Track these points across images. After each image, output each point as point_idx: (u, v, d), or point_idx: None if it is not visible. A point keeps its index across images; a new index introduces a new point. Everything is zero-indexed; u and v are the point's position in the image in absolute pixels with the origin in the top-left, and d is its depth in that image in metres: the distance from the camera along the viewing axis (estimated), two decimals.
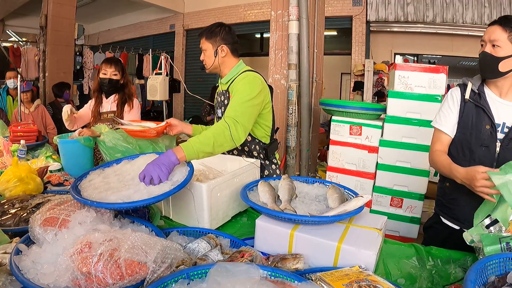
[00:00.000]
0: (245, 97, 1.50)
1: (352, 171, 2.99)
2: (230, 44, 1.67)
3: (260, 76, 1.66)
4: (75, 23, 5.42)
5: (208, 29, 1.68)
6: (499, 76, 1.29)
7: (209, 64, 1.68)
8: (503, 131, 1.31)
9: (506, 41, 1.24)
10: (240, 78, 1.62)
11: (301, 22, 3.20)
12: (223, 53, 1.66)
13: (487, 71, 1.32)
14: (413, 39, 6.22)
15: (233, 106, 1.50)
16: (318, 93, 3.72)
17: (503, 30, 1.24)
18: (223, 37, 1.65)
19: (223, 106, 1.70)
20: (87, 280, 0.73)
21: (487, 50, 1.29)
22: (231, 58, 1.70)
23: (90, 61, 6.99)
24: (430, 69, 2.67)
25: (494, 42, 1.26)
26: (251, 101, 1.51)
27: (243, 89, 1.53)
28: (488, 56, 1.28)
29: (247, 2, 7.05)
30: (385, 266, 1.07)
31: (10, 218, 1.14)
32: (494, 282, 0.79)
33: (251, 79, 1.59)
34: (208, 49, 1.67)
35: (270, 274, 0.76)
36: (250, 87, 1.54)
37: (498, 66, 1.27)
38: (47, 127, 3.91)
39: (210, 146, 1.32)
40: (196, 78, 7.95)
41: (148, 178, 1.13)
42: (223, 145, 1.37)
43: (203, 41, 1.68)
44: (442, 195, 1.51)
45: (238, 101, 1.50)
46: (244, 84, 1.55)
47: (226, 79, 1.70)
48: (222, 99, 1.72)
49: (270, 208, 1.11)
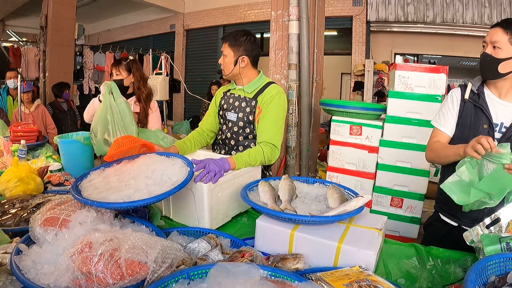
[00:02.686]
0: (278, 119, 1.65)
1: (352, 171, 2.99)
2: (252, 56, 1.68)
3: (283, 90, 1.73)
4: (75, 23, 5.43)
5: (233, 35, 1.67)
6: (498, 77, 1.32)
7: (228, 71, 1.69)
8: (501, 131, 1.34)
9: (506, 43, 1.27)
10: (271, 94, 1.66)
11: (301, 22, 3.20)
12: (243, 63, 1.67)
13: (487, 72, 1.34)
14: (413, 39, 6.22)
15: (268, 128, 1.63)
16: (318, 93, 3.71)
17: (504, 32, 1.27)
18: (246, 48, 1.66)
19: (241, 112, 1.72)
20: (88, 280, 0.73)
21: (488, 51, 1.31)
22: (251, 69, 1.71)
23: (90, 61, 6.99)
24: (430, 69, 2.67)
25: (495, 43, 1.29)
26: (281, 120, 1.67)
27: (277, 110, 1.65)
28: (489, 57, 1.31)
29: (247, 2, 7.06)
30: (385, 266, 1.07)
31: (10, 218, 1.14)
32: (494, 282, 0.79)
33: (282, 99, 1.68)
34: (229, 56, 1.67)
35: (271, 274, 0.76)
36: (280, 107, 1.67)
37: (498, 68, 1.29)
38: (47, 127, 3.91)
39: (252, 164, 1.52)
40: (196, 78, 7.96)
41: (208, 172, 1.25)
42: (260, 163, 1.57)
43: (225, 46, 1.67)
44: (441, 192, 1.53)
45: (272, 123, 1.63)
46: (276, 106, 1.65)
47: (250, 88, 1.71)
48: (243, 105, 1.72)
49: (271, 208, 1.11)
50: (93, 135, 1.80)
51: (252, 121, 1.70)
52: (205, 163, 1.28)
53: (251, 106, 1.69)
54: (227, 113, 1.77)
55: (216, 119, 1.87)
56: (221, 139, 1.84)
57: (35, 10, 6.37)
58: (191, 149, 1.77)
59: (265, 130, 1.63)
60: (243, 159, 1.47)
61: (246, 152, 1.52)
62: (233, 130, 1.75)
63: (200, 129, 1.90)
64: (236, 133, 1.75)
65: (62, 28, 5.16)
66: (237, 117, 1.73)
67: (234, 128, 1.75)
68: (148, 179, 1.16)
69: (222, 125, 1.82)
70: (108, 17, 9.27)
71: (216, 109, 1.86)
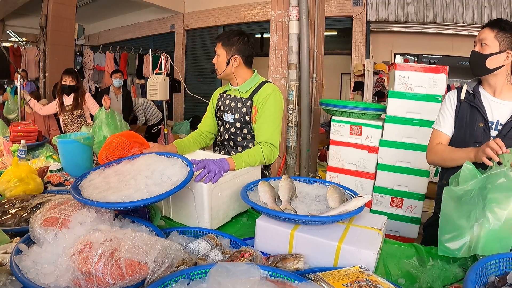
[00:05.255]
0: (275, 118, 1.65)
1: (352, 171, 2.99)
2: (244, 56, 1.68)
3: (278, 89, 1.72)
4: (75, 23, 5.42)
5: (227, 35, 1.67)
6: (487, 72, 1.37)
7: (221, 70, 1.70)
8: (497, 129, 1.37)
9: (493, 39, 1.33)
10: (266, 93, 1.66)
11: (301, 22, 3.20)
12: (236, 63, 1.67)
13: (476, 69, 1.41)
14: (413, 39, 6.22)
15: (265, 128, 1.62)
16: (318, 93, 3.71)
17: (490, 30, 1.34)
18: (238, 48, 1.66)
19: (237, 113, 1.71)
20: (88, 280, 0.73)
21: (476, 49, 1.39)
22: (244, 68, 1.71)
23: (90, 61, 6.99)
24: (430, 69, 2.67)
25: (482, 41, 1.36)
26: (278, 119, 1.67)
27: (273, 109, 1.64)
28: (476, 54, 1.38)
29: (247, 2, 7.05)
30: (385, 266, 1.07)
31: (10, 218, 1.14)
32: (494, 282, 0.79)
33: (278, 98, 1.67)
34: (222, 55, 1.67)
35: (271, 274, 0.76)
36: (276, 106, 1.66)
37: (485, 63, 1.35)
38: (50, 128, 3.92)
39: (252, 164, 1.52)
40: (196, 78, 7.95)
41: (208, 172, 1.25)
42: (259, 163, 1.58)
43: (218, 46, 1.68)
44: (440, 193, 1.53)
45: (269, 122, 1.63)
46: (272, 105, 1.64)
47: (245, 88, 1.71)
48: (239, 106, 1.72)
49: (271, 208, 1.11)
50: None
51: (249, 121, 1.69)
52: (205, 163, 1.28)
53: (247, 107, 1.69)
54: (224, 114, 1.77)
55: (214, 121, 1.87)
56: (220, 141, 1.84)
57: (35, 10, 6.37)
58: (190, 148, 1.77)
59: (262, 129, 1.63)
60: (242, 159, 1.47)
61: (246, 153, 1.52)
62: (231, 131, 1.75)
63: (199, 131, 1.90)
64: (234, 134, 1.75)
65: (62, 28, 5.17)
66: (234, 118, 1.72)
67: (231, 129, 1.75)
68: (148, 179, 1.16)
69: (220, 126, 1.82)
70: (108, 17, 9.27)
71: (214, 110, 1.86)
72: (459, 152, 1.35)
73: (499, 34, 1.32)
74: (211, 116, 1.87)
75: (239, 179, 1.41)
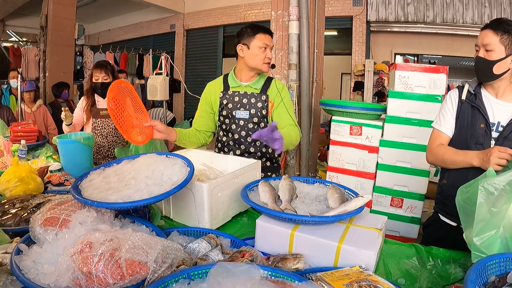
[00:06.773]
0: (290, 105, 1.80)
1: (352, 171, 2.99)
2: None
3: None
4: (75, 23, 5.42)
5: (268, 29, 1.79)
6: (494, 78, 1.34)
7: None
8: (498, 130, 1.35)
9: (498, 44, 1.28)
10: (280, 86, 1.79)
11: (301, 22, 3.20)
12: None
13: (483, 75, 1.37)
14: (414, 39, 6.22)
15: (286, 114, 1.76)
16: (318, 93, 3.71)
17: (494, 33, 1.29)
18: None
19: (252, 108, 1.76)
20: (88, 280, 0.73)
21: (481, 55, 1.34)
22: None
23: (90, 61, 6.99)
24: (430, 69, 2.67)
25: (487, 46, 1.31)
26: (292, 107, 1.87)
27: (288, 98, 1.81)
28: (482, 61, 1.33)
29: (247, 2, 7.05)
30: (385, 266, 1.07)
31: (10, 218, 1.14)
32: (494, 282, 0.79)
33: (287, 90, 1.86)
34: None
35: (271, 274, 0.76)
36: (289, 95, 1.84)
37: (492, 69, 1.31)
38: (48, 128, 3.91)
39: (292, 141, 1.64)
40: (196, 78, 7.95)
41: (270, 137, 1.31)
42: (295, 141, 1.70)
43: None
44: (440, 192, 1.54)
45: (289, 108, 1.78)
46: (287, 95, 1.81)
47: (258, 84, 1.78)
48: (252, 101, 1.76)
49: (271, 208, 1.11)
50: None
51: (265, 115, 1.75)
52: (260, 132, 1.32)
53: (262, 101, 1.75)
54: (235, 111, 1.76)
55: (213, 120, 1.86)
56: (232, 140, 1.81)
57: (35, 10, 6.37)
58: (189, 139, 1.77)
59: (283, 116, 1.74)
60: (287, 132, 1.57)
61: (284, 131, 1.58)
62: (247, 128, 1.76)
63: (195, 129, 1.86)
64: (252, 130, 1.76)
65: (62, 28, 5.17)
66: (250, 113, 1.75)
67: (248, 125, 1.76)
68: (148, 179, 1.16)
69: (230, 125, 1.80)
70: (108, 17, 9.27)
71: (213, 109, 1.85)
72: (460, 156, 1.34)
73: (504, 37, 1.27)
74: (206, 115, 1.85)
75: (239, 178, 1.41)
